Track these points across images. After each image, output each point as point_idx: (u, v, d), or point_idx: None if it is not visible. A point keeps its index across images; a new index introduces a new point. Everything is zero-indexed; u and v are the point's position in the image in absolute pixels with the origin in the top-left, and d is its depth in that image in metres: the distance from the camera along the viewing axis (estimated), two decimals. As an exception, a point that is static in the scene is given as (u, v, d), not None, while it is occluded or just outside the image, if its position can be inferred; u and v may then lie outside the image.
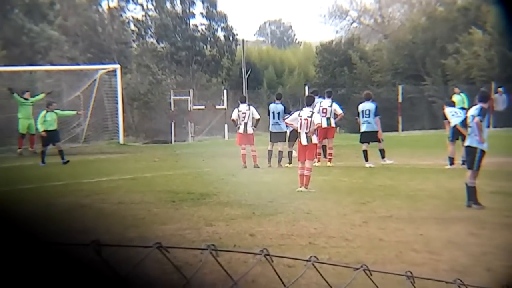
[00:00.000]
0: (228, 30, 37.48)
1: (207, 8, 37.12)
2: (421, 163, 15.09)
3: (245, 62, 33.94)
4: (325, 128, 14.39)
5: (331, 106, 15.34)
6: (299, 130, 11.05)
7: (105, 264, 1.30)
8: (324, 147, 15.26)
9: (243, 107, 15.09)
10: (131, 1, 36.37)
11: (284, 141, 14.96)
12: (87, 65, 28.17)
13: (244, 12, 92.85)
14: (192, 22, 37.37)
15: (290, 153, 14.89)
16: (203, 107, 29.63)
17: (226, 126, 26.92)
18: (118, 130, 23.49)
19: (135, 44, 36.86)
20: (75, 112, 19.91)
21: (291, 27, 64.52)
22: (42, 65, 27.47)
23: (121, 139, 23.38)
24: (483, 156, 8.99)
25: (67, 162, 16.07)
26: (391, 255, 6.16)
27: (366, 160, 14.57)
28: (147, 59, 34.64)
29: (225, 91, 29.53)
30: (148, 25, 36.80)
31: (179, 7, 37.07)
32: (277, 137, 14.98)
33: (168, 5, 36.97)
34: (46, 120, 16.37)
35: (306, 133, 10.87)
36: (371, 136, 14.74)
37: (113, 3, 35.70)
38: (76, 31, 32.47)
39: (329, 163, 14.89)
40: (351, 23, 41.09)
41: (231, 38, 37.45)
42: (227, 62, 37.28)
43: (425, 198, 9.74)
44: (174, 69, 35.27)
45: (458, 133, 12.27)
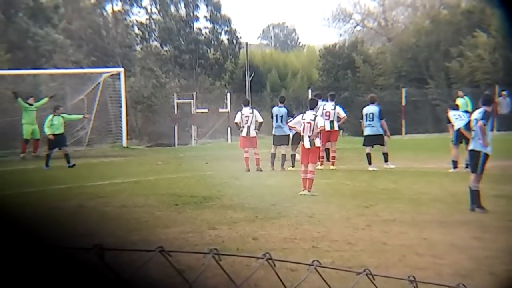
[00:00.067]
0: (231, 34, 37.53)
1: (211, 12, 37.18)
2: (424, 166, 15.07)
3: (249, 65, 33.97)
4: (328, 131, 14.39)
5: (334, 109, 15.34)
6: (302, 133, 11.05)
7: (108, 267, 1.31)
8: (327, 150, 15.25)
9: (246, 110, 15.11)
10: (135, 4, 36.51)
11: (287, 144, 14.96)
12: (91, 68, 28.23)
13: (247, 16, 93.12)
14: (196, 26, 37.49)
15: (293, 156, 14.88)
16: (206, 110, 29.63)
17: (229, 129, 26.91)
18: (122, 133, 23.53)
19: (139, 48, 36.97)
20: (81, 116, 19.92)
21: (294, 30, 64.59)
22: (46, 68, 27.53)
23: (124, 142, 23.41)
24: (487, 159, 8.97)
25: (73, 165, 16.04)
26: (394, 259, 6.15)
27: (370, 163, 14.57)
28: (151, 62, 34.71)
29: (228, 94, 29.55)
30: (152, 29, 36.89)
31: (183, 11, 37.16)
32: (280, 140, 14.97)
33: (172, 9, 37.07)
34: (53, 124, 16.37)
35: (309, 136, 10.87)
36: (375, 139, 14.74)
37: (117, 6, 35.86)
38: (80, 34, 32.57)
39: (332, 167, 14.88)
40: (355, 26, 41.14)
41: (234, 41, 37.50)
42: (230, 65, 37.31)
43: (428, 202, 9.72)
44: (178, 72, 35.31)
45: (462, 136, 12.25)
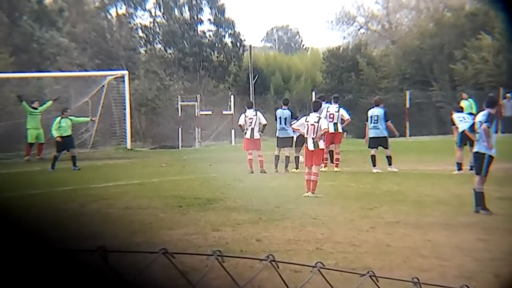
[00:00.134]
0: (235, 36, 37.56)
1: (215, 15, 37.23)
2: (428, 168, 15.03)
3: (252, 67, 34.00)
4: (332, 133, 14.38)
5: (338, 111, 15.34)
6: (306, 136, 11.04)
7: (111, 269, 1.31)
8: (331, 152, 15.25)
9: (250, 112, 15.11)
10: (139, 7, 36.61)
11: (291, 146, 14.96)
12: (95, 71, 28.31)
13: (251, 18, 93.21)
14: (200, 29, 37.54)
15: (296, 158, 14.88)
16: (210, 112, 29.65)
17: (233, 131, 26.92)
18: (126, 136, 23.56)
19: (143, 50, 37.05)
20: (89, 118, 20.01)
21: (298, 33, 64.66)
22: (50, 71, 27.60)
23: (128, 145, 23.45)
24: (491, 162, 8.95)
25: (78, 169, 16.07)
26: (398, 261, 6.14)
27: (374, 165, 14.55)
28: (155, 65, 34.78)
29: (232, 96, 29.55)
30: (156, 32, 36.97)
31: (187, 14, 37.23)
32: (284, 142, 14.98)
33: (176, 12, 37.13)
34: (61, 126, 16.38)
35: (313, 138, 10.86)
36: (380, 142, 14.73)
37: (122, 10, 35.99)
38: (84, 37, 32.68)
39: (336, 168, 14.88)
40: (359, 29, 41.06)
41: (238, 44, 37.52)
42: (234, 68, 37.35)
43: (432, 204, 9.70)
44: (182, 75, 35.35)
45: (466, 138, 12.23)
